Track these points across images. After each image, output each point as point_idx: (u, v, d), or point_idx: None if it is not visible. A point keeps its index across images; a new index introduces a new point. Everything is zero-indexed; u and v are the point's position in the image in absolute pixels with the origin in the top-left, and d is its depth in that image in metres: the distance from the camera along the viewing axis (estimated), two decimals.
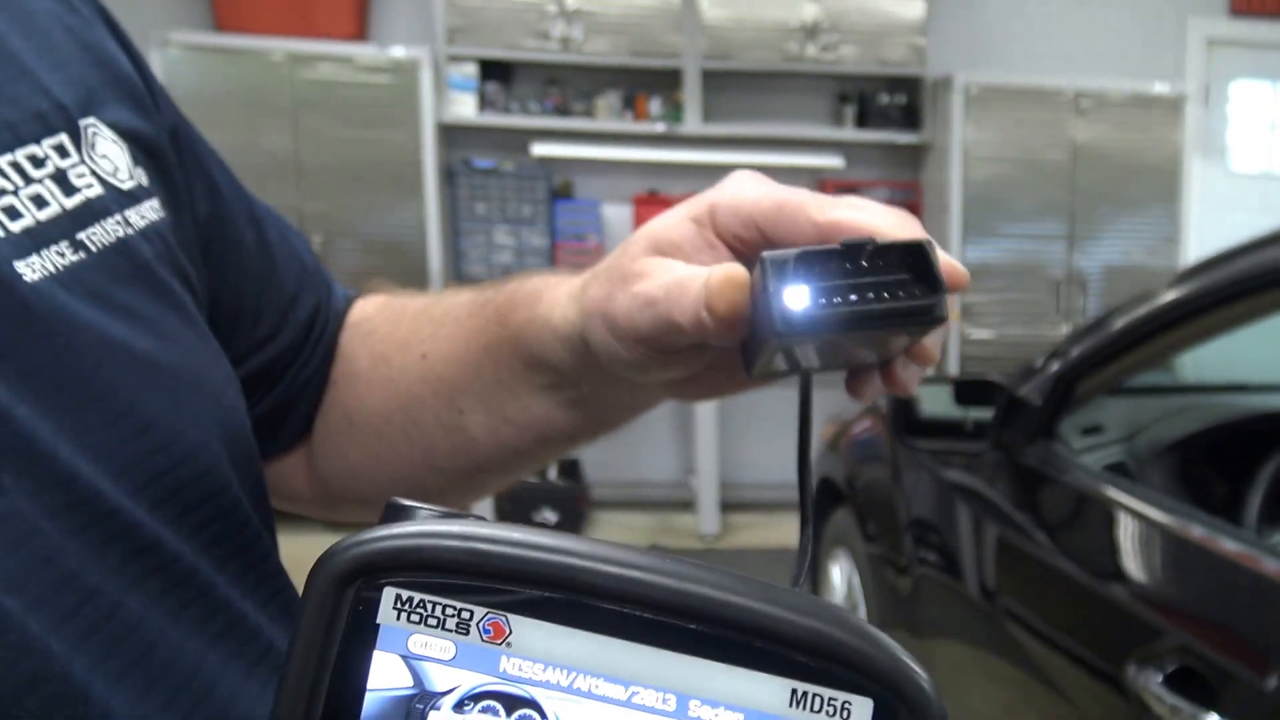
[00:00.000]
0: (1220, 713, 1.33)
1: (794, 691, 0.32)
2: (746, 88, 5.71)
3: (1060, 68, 5.82)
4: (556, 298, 0.59)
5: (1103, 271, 5.77)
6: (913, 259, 0.43)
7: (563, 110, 5.66)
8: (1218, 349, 2.54)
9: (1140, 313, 1.77)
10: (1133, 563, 1.73)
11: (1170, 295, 1.71)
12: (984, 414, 2.16)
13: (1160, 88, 5.73)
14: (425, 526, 0.33)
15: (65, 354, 0.50)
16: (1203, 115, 5.92)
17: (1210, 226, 5.86)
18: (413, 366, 0.70)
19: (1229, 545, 1.54)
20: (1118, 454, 2.18)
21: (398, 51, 5.35)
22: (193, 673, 0.51)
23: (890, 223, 0.46)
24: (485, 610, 0.33)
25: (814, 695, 0.32)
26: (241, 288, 0.68)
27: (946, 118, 5.56)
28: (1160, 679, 1.42)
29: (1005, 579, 1.97)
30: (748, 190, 0.51)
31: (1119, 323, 1.83)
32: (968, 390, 2.20)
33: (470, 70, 5.52)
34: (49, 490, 0.47)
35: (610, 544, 0.32)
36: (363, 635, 0.33)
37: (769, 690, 0.32)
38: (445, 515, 0.34)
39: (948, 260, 0.45)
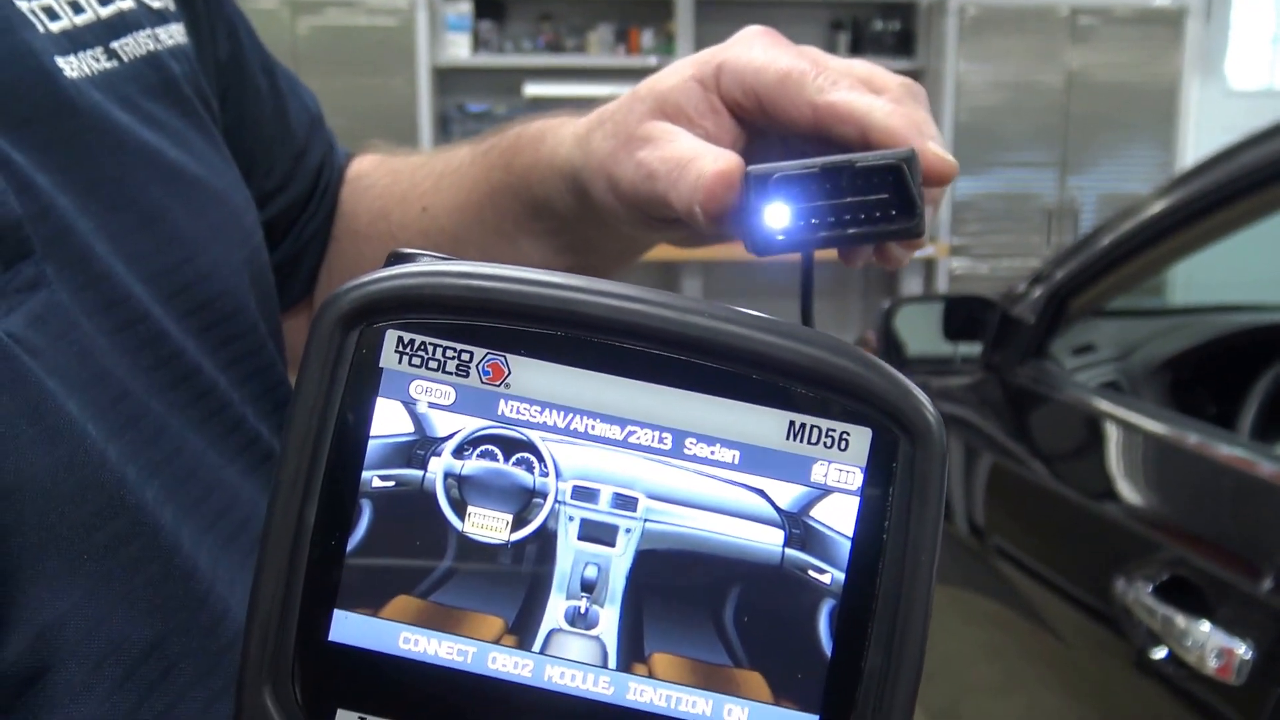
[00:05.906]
0: (1213, 620, 1.29)
1: (791, 424, 0.32)
2: (739, 17, 5.58)
3: None
4: (561, 138, 0.58)
5: (1096, 201, 5.72)
6: (893, 177, 0.43)
7: (555, 47, 5.61)
8: (1209, 271, 2.53)
9: (1135, 222, 1.75)
10: (1125, 476, 1.71)
11: (1164, 202, 1.69)
12: (972, 350, 2.13)
13: (1161, 1, 5.62)
14: (426, 267, 0.33)
15: (101, 152, 0.50)
16: (1203, 31, 5.75)
17: (1207, 149, 5.73)
18: (412, 221, 0.70)
19: (1224, 450, 1.52)
20: (1110, 373, 2.17)
21: None
22: (215, 483, 0.51)
23: (884, 113, 0.46)
24: (485, 351, 0.33)
25: (811, 427, 0.32)
26: (257, 134, 0.68)
27: (941, 44, 5.50)
28: (1150, 589, 1.39)
29: (995, 511, 1.95)
30: (755, 54, 0.50)
31: (1112, 235, 1.81)
32: (959, 309, 2.18)
33: (465, 8, 5.48)
34: (87, 287, 0.47)
35: (609, 281, 0.33)
36: (366, 380, 0.33)
37: (766, 423, 0.32)
38: (446, 259, 0.34)
39: (936, 155, 0.45)
